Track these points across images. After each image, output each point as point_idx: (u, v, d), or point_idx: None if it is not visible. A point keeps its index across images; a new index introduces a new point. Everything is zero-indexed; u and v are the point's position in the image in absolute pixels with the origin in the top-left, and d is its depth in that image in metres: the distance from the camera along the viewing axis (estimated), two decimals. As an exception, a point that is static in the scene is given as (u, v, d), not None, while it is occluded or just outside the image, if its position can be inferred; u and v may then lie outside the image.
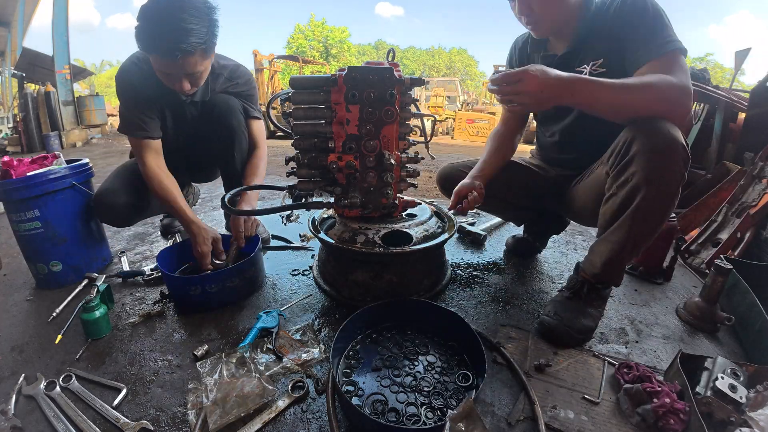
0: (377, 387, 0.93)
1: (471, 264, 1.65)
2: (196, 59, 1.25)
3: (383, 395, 0.90)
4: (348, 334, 1.04)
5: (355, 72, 1.10)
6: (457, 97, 14.99)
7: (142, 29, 1.19)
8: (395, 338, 1.09)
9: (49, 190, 1.35)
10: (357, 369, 0.99)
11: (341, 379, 0.95)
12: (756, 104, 2.35)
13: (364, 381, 0.95)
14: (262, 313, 1.18)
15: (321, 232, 1.31)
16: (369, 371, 0.98)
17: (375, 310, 1.10)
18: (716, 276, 1.17)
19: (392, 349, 1.04)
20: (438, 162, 5.20)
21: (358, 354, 1.03)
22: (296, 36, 30.60)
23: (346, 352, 1.03)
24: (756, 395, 0.81)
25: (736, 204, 1.85)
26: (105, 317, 1.15)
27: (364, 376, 0.96)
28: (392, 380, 0.94)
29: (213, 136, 1.57)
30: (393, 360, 1.01)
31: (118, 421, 0.85)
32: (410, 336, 1.10)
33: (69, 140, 6.99)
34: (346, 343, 1.05)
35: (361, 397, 0.90)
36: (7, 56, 10.15)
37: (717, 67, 29.40)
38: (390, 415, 0.85)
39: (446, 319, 1.07)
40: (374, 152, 1.18)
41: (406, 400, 0.89)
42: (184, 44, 1.17)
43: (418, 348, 1.05)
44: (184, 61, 1.22)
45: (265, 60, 10.93)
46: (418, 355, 1.02)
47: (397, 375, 0.96)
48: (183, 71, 1.26)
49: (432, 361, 1.00)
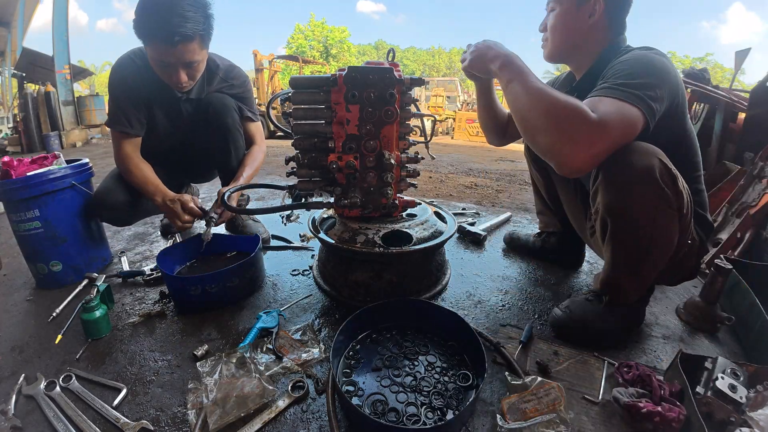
0: (377, 387, 0.93)
1: (471, 264, 1.65)
2: (194, 46, 1.27)
3: (383, 395, 0.90)
4: (348, 334, 1.04)
5: (356, 72, 1.10)
6: (457, 97, 14.98)
7: (141, 18, 1.21)
8: (395, 338, 1.09)
9: (49, 190, 1.35)
10: (357, 369, 0.99)
11: (341, 379, 0.95)
12: (756, 104, 2.35)
13: (364, 381, 0.95)
14: (262, 313, 1.18)
15: (321, 232, 1.31)
16: (369, 371, 0.98)
17: (375, 310, 1.10)
18: (716, 276, 1.17)
19: (392, 349, 1.04)
20: (438, 162, 5.20)
21: (358, 354, 1.03)
22: (296, 36, 30.60)
23: (346, 352, 1.03)
24: (756, 395, 0.81)
25: (736, 204, 1.85)
26: (105, 317, 1.15)
27: (364, 376, 0.96)
28: (392, 380, 0.94)
29: (208, 134, 1.57)
30: (393, 360, 1.00)
31: (118, 421, 0.85)
32: (410, 336, 1.10)
33: (69, 140, 7.00)
34: (346, 343, 1.05)
35: (361, 397, 0.90)
36: (7, 56, 10.15)
37: (717, 67, 29.39)
38: (390, 415, 0.85)
39: (446, 318, 1.07)
40: (374, 152, 1.18)
41: (406, 400, 0.89)
42: (183, 28, 1.20)
43: (418, 348, 1.05)
44: (183, 48, 1.24)
45: (265, 60, 10.93)
46: (418, 355, 1.02)
47: (397, 375, 0.96)
48: (181, 59, 1.27)
49: (432, 361, 1.00)
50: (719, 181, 2.14)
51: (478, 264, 1.65)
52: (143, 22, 1.22)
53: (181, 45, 1.23)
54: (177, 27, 1.20)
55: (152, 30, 1.21)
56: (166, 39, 1.21)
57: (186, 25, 1.21)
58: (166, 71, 1.32)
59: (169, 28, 1.19)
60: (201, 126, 1.56)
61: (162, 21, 1.19)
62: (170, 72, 1.31)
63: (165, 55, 1.26)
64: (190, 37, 1.23)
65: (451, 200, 2.89)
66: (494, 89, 1.43)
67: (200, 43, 1.29)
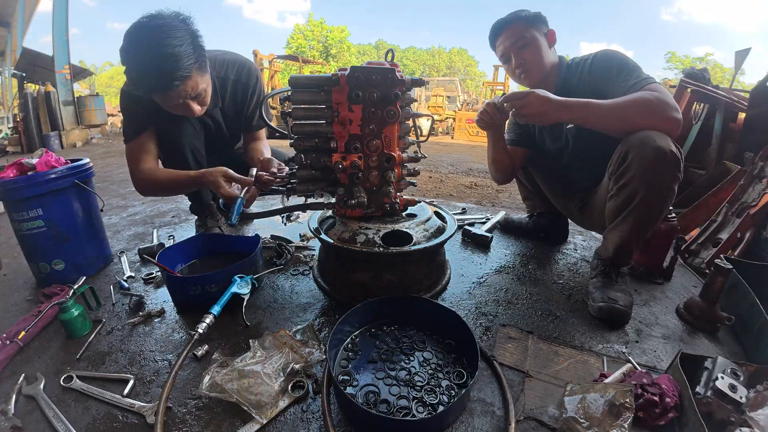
0: (372, 379, 0.95)
1: (471, 264, 1.65)
2: (195, 79, 1.23)
3: (377, 387, 0.92)
4: (348, 326, 1.06)
5: (358, 72, 1.10)
6: (457, 96, 14.99)
7: (133, 75, 1.17)
8: (394, 333, 1.10)
9: (52, 188, 1.35)
10: (354, 360, 1.00)
11: (338, 369, 0.97)
12: (756, 104, 2.35)
13: (360, 372, 0.97)
14: (237, 278, 1.19)
15: (321, 233, 1.31)
16: (365, 363, 1.00)
17: (377, 304, 1.11)
18: (716, 276, 1.17)
19: (390, 344, 1.06)
20: (438, 162, 5.21)
21: (357, 346, 1.05)
22: (296, 36, 30.60)
23: (345, 344, 1.05)
24: (756, 395, 0.81)
25: (736, 204, 1.85)
26: (80, 317, 1.14)
27: (361, 367, 0.98)
28: (387, 373, 0.96)
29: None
30: (389, 354, 1.02)
31: (134, 407, 0.87)
32: (409, 332, 1.11)
33: (69, 140, 6.99)
34: (345, 335, 1.07)
35: (355, 388, 0.92)
36: (7, 56, 10.14)
37: (717, 67, 29.38)
38: (381, 407, 0.86)
39: (445, 317, 1.08)
40: (377, 152, 1.18)
41: (398, 393, 0.90)
42: (179, 71, 1.15)
43: (415, 344, 1.06)
44: (184, 87, 1.20)
45: (265, 60, 10.92)
46: (414, 351, 1.03)
47: (393, 368, 0.97)
48: (187, 97, 1.24)
49: (428, 358, 1.01)
50: (719, 181, 2.14)
51: (478, 264, 1.65)
52: (138, 78, 1.17)
53: (182, 85, 1.19)
54: (173, 71, 1.14)
55: (150, 83, 1.17)
56: (166, 87, 1.17)
57: (180, 65, 1.14)
58: (177, 109, 1.30)
59: (166, 76, 1.14)
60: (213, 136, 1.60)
61: (156, 71, 1.13)
62: (182, 109, 1.29)
63: (170, 99, 1.23)
64: (188, 76, 1.19)
65: (451, 200, 2.89)
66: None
67: (199, 72, 1.24)
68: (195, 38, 1.22)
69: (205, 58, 1.27)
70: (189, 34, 1.19)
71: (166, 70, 1.13)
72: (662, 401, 0.81)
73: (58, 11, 7.00)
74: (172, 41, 1.13)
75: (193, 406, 0.89)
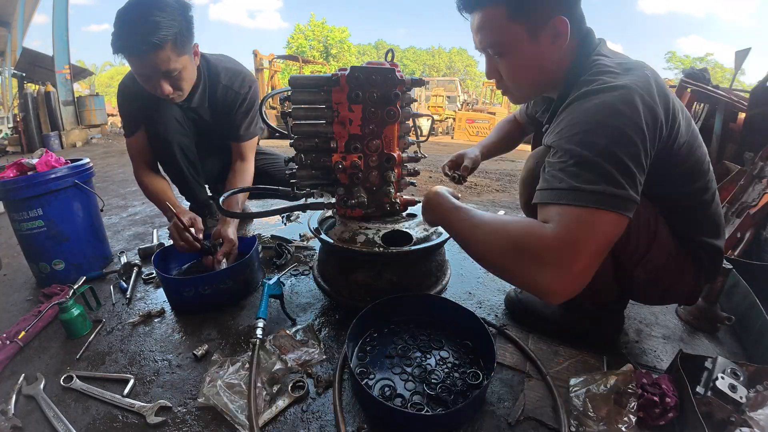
0: (388, 373, 0.96)
1: (471, 264, 1.65)
2: (167, 54, 1.20)
3: (392, 381, 0.93)
4: (367, 322, 1.07)
5: (359, 72, 1.10)
6: (457, 96, 14.99)
7: (114, 32, 1.18)
8: (412, 330, 1.11)
9: (52, 188, 1.35)
10: (371, 354, 1.02)
11: (356, 361, 0.99)
12: (756, 104, 2.35)
13: (377, 366, 0.98)
14: (266, 280, 1.19)
15: (321, 233, 1.30)
16: (382, 357, 1.01)
17: (395, 302, 1.12)
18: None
19: (407, 341, 1.07)
20: (439, 162, 5.20)
21: (375, 341, 1.06)
22: (296, 36, 30.61)
23: (363, 338, 1.07)
24: (756, 395, 0.81)
25: (736, 204, 1.85)
26: (80, 317, 1.15)
27: (377, 361, 1.00)
28: (403, 369, 0.97)
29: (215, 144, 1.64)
30: (406, 350, 1.03)
31: (133, 407, 0.87)
32: (427, 330, 1.11)
33: (69, 140, 7.00)
34: (364, 330, 1.08)
35: (372, 380, 0.93)
36: (7, 56, 10.14)
37: (717, 67, 29.37)
38: (396, 401, 0.87)
39: (463, 317, 1.07)
40: (377, 152, 1.18)
41: (413, 389, 0.91)
42: (152, 36, 1.14)
43: (433, 343, 1.06)
44: (155, 57, 1.18)
45: (265, 60, 10.93)
46: (432, 349, 1.04)
47: (409, 365, 0.98)
48: (157, 70, 1.22)
49: (445, 357, 1.02)
50: (719, 181, 2.14)
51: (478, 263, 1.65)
52: (115, 35, 1.17)
53: (152, 54, 1.17)
54: (146, 36, 1.13)
55: (121, 41, 1.17)
56: (134, 49, 1.16)
57: (156, 33, 1.14)
58: (148, 83, 1.27)
59: (137, 38, 1.14)
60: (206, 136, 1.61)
61: (131, 32, 1.14)
62: (152, 84, 1.26)
63: (139, 66, 1.22)
64: (160, 45, 1.16)
65: (451, 200, 2.88)
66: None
67: (174, 49, 1.21)
68: (184, 21, 1.23)
69: (187, 42, 1.26)
70: (180, 15, 1.21)
71: (140, 33, 1.15)
72: (662, 401, 0.81)
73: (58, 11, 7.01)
74: (159, 12, 1.17)
75: (193, 406, 0.89)
